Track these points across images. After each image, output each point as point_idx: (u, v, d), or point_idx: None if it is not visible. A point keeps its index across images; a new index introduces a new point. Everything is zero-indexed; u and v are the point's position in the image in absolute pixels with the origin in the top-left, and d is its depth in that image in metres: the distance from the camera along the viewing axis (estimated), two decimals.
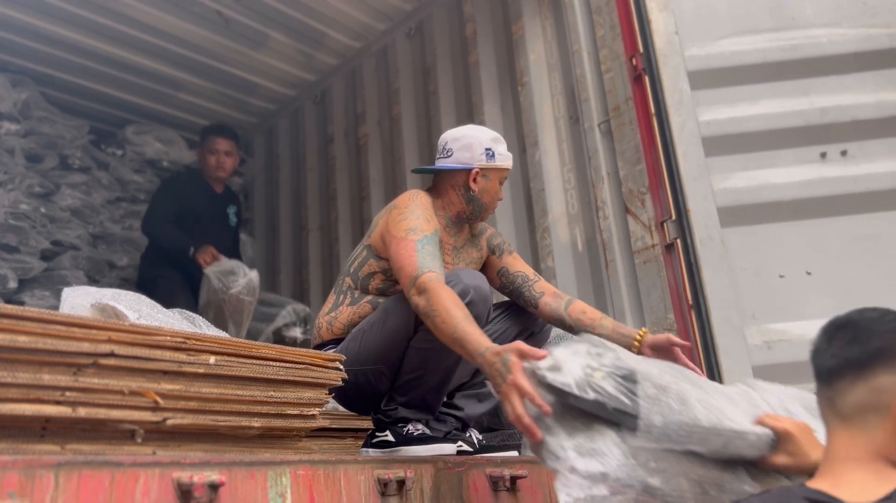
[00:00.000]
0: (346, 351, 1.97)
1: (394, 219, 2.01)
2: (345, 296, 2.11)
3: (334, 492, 1.51)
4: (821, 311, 2.56)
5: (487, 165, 2.15)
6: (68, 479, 1.15)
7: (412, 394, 1.99)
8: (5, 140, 4.00)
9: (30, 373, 1.24)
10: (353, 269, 2.13)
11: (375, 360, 1.97)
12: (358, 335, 2.02)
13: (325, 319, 2.11)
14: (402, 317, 1.94)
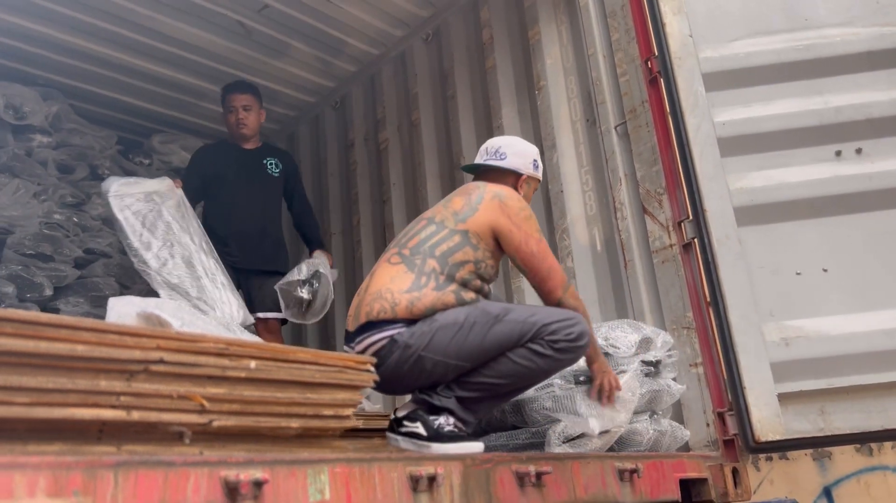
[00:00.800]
0: (434, 339, 2.01)
1: (517, 213, 2.22)
2: (428, 279, 2.10)
3: (369, 488, 1.58)
4: (838, 308, 2.65)
5: (533, 174, 2.45)
6: (126, 478, 1.23)
7: (474, 395, 2.05)
8: (38, 152, 4.13)
9: (87, 380, 1.33)
10: (439, 253, 2.13)
11: (468, 359, 2.02)
12: (452, 328, 2.02)
13: (405, 297, 2.06)
14: (512, 329, 2.04)
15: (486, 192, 2.26)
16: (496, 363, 2.03)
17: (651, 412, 2.59)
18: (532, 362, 2.01)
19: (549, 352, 2.03)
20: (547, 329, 2.03)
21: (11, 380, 1.23)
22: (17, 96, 4.03)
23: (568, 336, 2.04)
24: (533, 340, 2.02)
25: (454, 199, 2.30)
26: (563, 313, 2.12)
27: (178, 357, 1.44)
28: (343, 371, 1.72)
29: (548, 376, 2.16)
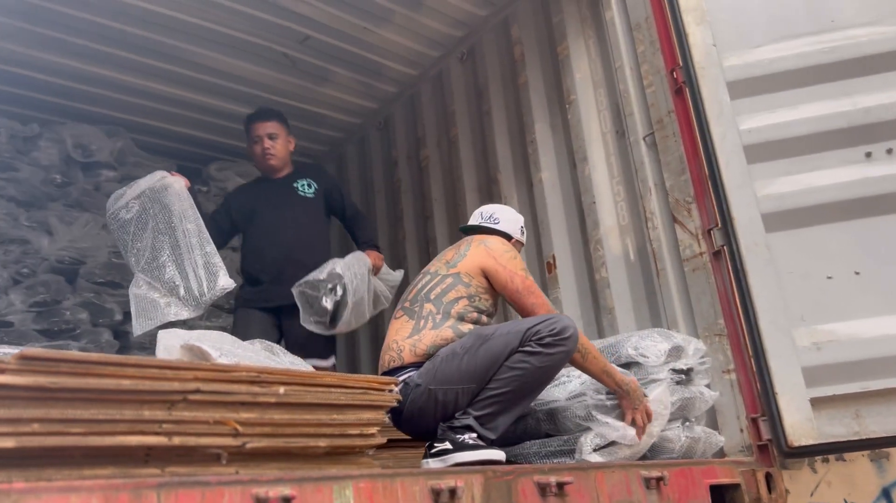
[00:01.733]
0: (437, 372, 2.21)
1: (503, 256, 2.45)
2: (426, 321, 2.34)
3: (392, 501, 1.71)
4: (870, 311, 2.66)
5: (520, 238, 2.77)
6: (168, 497, 1.39)
7: (489, 410, 2.19)
8: (105, 186, 4.43)
9: (133, 410, 1.50)
10: (434, 296, 2.38)
11: (471, 380, 2.19)
12: (451, 358, 2.22)
13: (408, 343, 2.32)
14: (500, 342, 2.21)
15: (473, 241, 2.54)
16: (498, 375, 2.18)
17: (683, 419, 2.64)
18: (527, 363, 2.17)
19: (538, 349, 2.17)
20: (532, 331, 2.19)
21: (67, 413, 1.41)
22: (84, 136, 4.35)
23: (551, 331, 2.19)
24: (522, 345, 2.18)
25: (447, 253, 2.59)
26: (545, 315, 2.28)
27: (213, 386, 1.61)
28: (367, 392, 1.86)
29: (548, 374, 2.27)
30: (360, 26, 4.11)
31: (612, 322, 3.21)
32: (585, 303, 3.43)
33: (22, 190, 4.16)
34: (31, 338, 3.87)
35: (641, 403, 2.37)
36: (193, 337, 1.88)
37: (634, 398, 2.35)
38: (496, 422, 2.17)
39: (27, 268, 4.07)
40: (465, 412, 2.17)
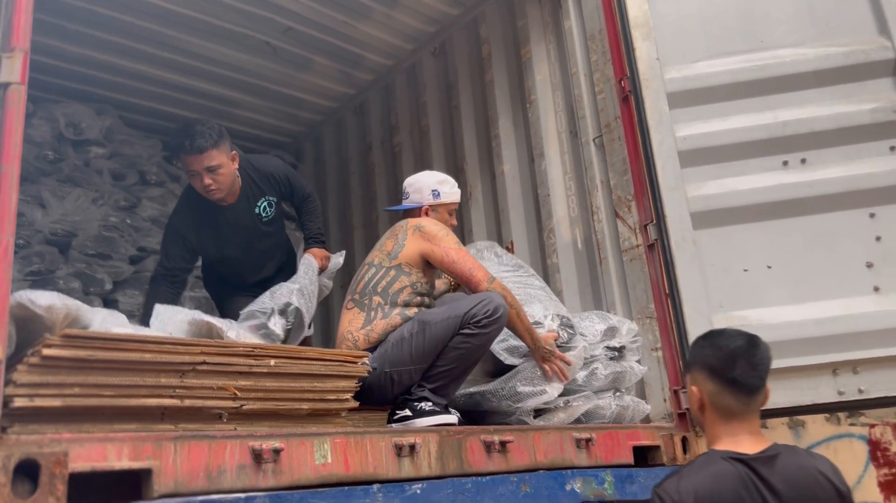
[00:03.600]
0: (388, 355, 2.56)
1: (436, 237, 2.70)
2: (375, 312, 2.66)
3: (362, 454, 2.08)
4: (778, 300, 3.08)
5: (434, 202, 2.90)
6: (182, 447, 1.75)
7: (439, 383, 2.57)
8: (94, 163, 4.70)
9: (152, 378, 1.85)
10: (380, 289, 2.69)
11: (420, 361, 2.55)
12: (401, 342, 2.56)
13: (362, 333, 2.64)
14: (442, 328, 2.54)
15: (409, 228, 2.78)
16: (444, 354, 2.53)
17: (615, 390, 3.05)
18: (468, 343, 2.53)
19: (476, 331, 2.52)
20: (469, 315, 2.52)
21: (100, 380, 1.76)
22: (75, 114, 4.60)
23: (486, 313, 2.53)
24: (462, 328, 2.52)
25: (386, 241, 2.82)
26: (478, 297, 2.59)
27: (217, 359, 1.96)
28: (343, 365, 2.22)
29: (487, 347, 2.64)
30: (339, 20, 4.40)
31: (561, 303, 3.60)
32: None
33: None
34: None
35: (551, 353, 2.71)
36: (198, 313, 2.22)
37: (541, 349, 2.68)
38: (447, 390, 2.56)
39: (22, 239, 4.34)
40: (419, 385, 2.55)
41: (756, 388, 1.84)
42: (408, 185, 2.97)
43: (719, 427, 1.87)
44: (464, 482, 2.11)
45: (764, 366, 1.87)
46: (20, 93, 1.73)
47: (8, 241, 1.63)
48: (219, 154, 3.07)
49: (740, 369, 1.83)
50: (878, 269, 3.06)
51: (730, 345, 1.86)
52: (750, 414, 1.84)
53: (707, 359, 1.89)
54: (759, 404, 1.87)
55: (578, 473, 2.41)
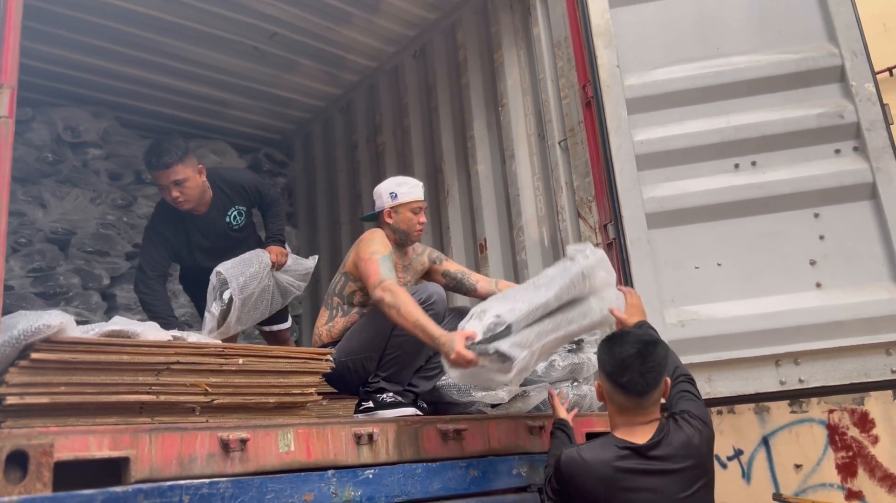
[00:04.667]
0: (344, 347, 2.80)
1: (361, 248, 2.86)
2: (336, 311, 2.95)
3: (323, 443, 2.30)
4: (726, 296, 3.29)
5: (394, 204, 2.99)
6: (157, 438, 1.97)
7: (391, 370, 2.79)
8: (92, 163, 4.93)
9: (130, 377, 2.07)
10: (338, 291, 2.96)
11: (368, 349, 2.80)
12: (354, 334, 2.83)
13: (325, 328, 2.94)
14: (385, 318, 2.71)
15: (354, 244, 2.97)
16: (390, 342, 2.74)
17: (573, 380, 3.27)
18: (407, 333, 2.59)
19: None
20: None
21: (84, 379, 1.99)
22: (73, 118, 4.82)
23: (419, 299, 2.67)
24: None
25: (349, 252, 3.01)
26: (414, 288, 2.81)
27: (189, 359, 2.19)
28: (307, 362, 2.44)
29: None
30: (322, 25, 4.59)
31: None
32: (509, 280, 3.99)
33: (17, 167, 4.63)
34: (29, 300, 4.41)
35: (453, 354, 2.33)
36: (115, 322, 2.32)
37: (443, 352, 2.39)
38: (400, 376, 2.79)
39: (24, 237, 4.58)
40: (375, 375, 2.78)
41: (644, 393, 2.05)
42: (374, 194, 3.12)
43: (617, 418, 2.13)
44: (414, 467, 2.33)
45: (654, 374, 2.06)
46: (8, 126, 1.95)
47: None
48: (184, 168, 3.30)
49: (628, 377, 2.04)
50: (820, 267, 3.25)
51: (622, 354, 2.07)
52: (643, 408, 2.07)
53: (603, 363, 2.13)
54: (654, 400, 2.08)
55: (526, 459, 2.63)
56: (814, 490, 4.53)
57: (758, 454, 4.80)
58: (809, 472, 4.63)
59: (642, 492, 1.95)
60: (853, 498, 4.44)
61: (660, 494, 1.94)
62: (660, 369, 2.08)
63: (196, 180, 3.37)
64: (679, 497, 1.95)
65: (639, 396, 2.05)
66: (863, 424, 4.43)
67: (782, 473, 4.68)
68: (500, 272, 4.07)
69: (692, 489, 1.97)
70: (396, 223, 2.99)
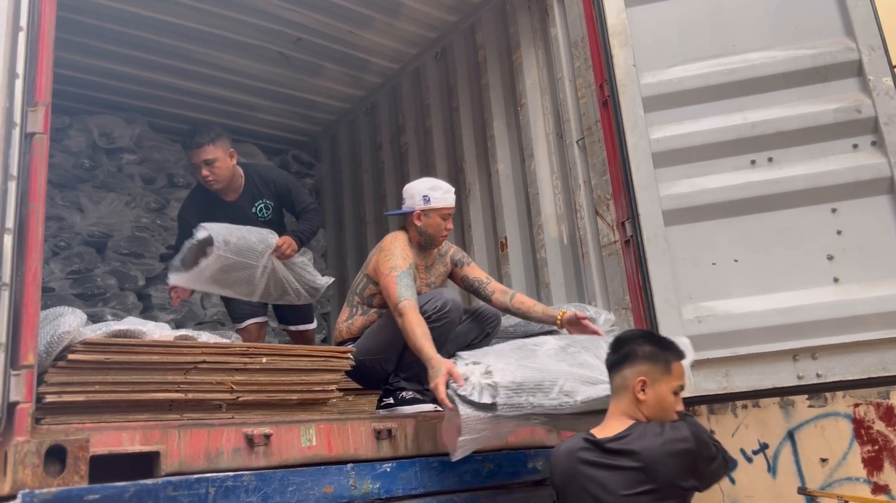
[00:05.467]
0: (363, 345, 2.91)
1: (382, 258, 2.94)
2: (356, 309, 3.06)
3: (344, 438, 2.41)
4: (743, 292, 3.32)
5: (425, 207, 3.03)
6: (185, 433, 2.09)
7: (411, 371, 2.89)
8: (126, 168, 5.10)
9: (160, 375, 2.20)
10: (358, 291, 3.07)
11: (385, 351, 2.91)
12: (371, 335, 2.94)
13: (345, 325, 3.05)
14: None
15: (377, 247, 3.06)
16: (407, 346, 2.76)
17: None
18: None
19: (429, 325, 2.71)
20: (420, 310, 2.75)
21: (117, 378, 2.12)
22: (107, 125, 5.00)
23: (435, 309, 2.81)
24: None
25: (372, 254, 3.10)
26: (430, 294, 2.90)
27: (215, 358, 2.31)
28: (328, 360, 2.55)
29: (444, 338, 2.84)
30: (344, 29, 4.68)
31: (548, 295, 3.88)
32: (529, 278, 4.09)
33: (56, 174, 4.83)
34: (69, 301, 4.59)
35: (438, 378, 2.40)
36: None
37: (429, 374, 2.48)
38: (420, 377, 2.87)
39: (63, 241, 4.77)
40: (395, 375, 2.88)
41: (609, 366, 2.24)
42: (404, 192, 3.14)
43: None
44: (431, 461, 2.42)
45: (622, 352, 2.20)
46: (43, 141, 2.07)
47: (36, 268, 1.97)
48: (215, 149, 3.53)
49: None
50: (838, 262, 3.25)
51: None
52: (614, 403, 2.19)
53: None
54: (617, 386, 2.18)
55: (542, 453, 2.71)
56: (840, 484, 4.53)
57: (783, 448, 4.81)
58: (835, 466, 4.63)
59: (592, 483, 2.03)
60: (879, 491, 4.43)
61: (604, 489, 2.00)
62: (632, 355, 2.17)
63: (226, 162, 3.58)
64: (621, 494, 1.98)
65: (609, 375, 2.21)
66: (889, 418, 4.42)
67: (808, 467, 4.69)
68: (520, 269, 4.14)
69: (634, 490, 1.98)
70: (425, 226, 3.03)
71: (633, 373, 2.14)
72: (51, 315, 2.10)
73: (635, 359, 2.16)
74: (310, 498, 2.13)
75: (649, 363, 2.15)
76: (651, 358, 2.16)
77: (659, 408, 2.11)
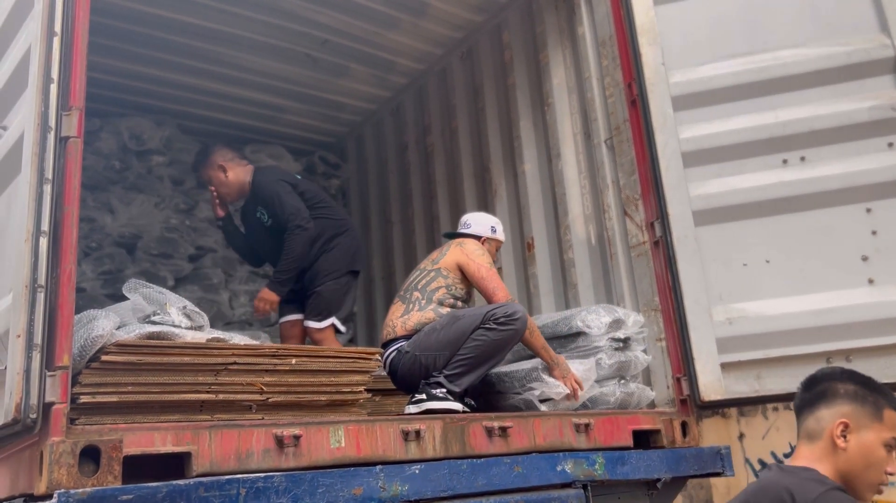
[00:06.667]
0: (419, 341, 2.96)
1: (474, 253, 3.17)
2: (413, 305, 3.10)
3: (373, 439, 2.40)
4: (775, 293, 3.28)
5: (492, 237, 3.43)
6: (216, 434, 2.10)
7: (457, 371, 2.89)
8: (156, 170, 5.17)
9: (190, 376, 2.22)
10: (420, 286, 3.14)
11: (445, 348, 2.93)
12: (431, 331, 2.97)
13: (400, 321, 3.09)
14: (468, 321, 2.93)
15: (452, 243, 3.27)
16: (465, 345, 2.88)
17: (620, 377, 3.30)
18: (486, 336, 2.89)
19: (494, 326, 2.89)
20: (490, 313, 2.91)
21: (149, 379, 2.14)
22: (137, 127, 5.07)
23: (505, 313, 2.90)
24: (484, 323, 2.89)
25: (433, 253, 3.32)
26: (502, 303, 2.99)
27: (245, 359, 2.32)
28: (356, 361, 2.56)
29: (503, 346, 2.96)
30: (370, 30, 4.69)
31: (575, 295, 3.85)
32: (557, 279, 4.07)
33: (87, 176, 4.89)
34: (100, 301, 4.65)
35: (569, 373, 3.02)
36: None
37: (563, 369, 3.03)
38: (462, 380, 2.87)
39: (95, 242, 4.84)
40: (439, 372, 2.88)
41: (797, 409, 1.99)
42: (469, 218, 3.49)
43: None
44: (460, 463, 2.41)
45: (813, 393, 1.92)
46: (77, 145, 2.11)
47: (71, 269, 2.00)
48: (205, 171, 3.85)
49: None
50: (872, 262, 3.20)
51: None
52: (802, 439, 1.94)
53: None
54: (804, 432, 1.92)
55: (570, 455, 2.68)
56: None
57: None
58: None
59: None
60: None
61: None
62: (831, 393, 1.86)
63: (219, 178, 3.80)
64: None
65: (798, 416, 1.95)
66: None
67: None
68: (547, 270, 4.12)
69: None
70: (487, 252, 3.30)
71: (831, 415, 1.81)
72: (84, 318, 2.13)
73: (836, 398, 1.83)
74: (339, 499, 2.12)
75: (855, 404, 1.81)
76: (857, 398, 1.82)
77: (863, 464, 1.76)
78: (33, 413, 1.85)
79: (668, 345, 3.35)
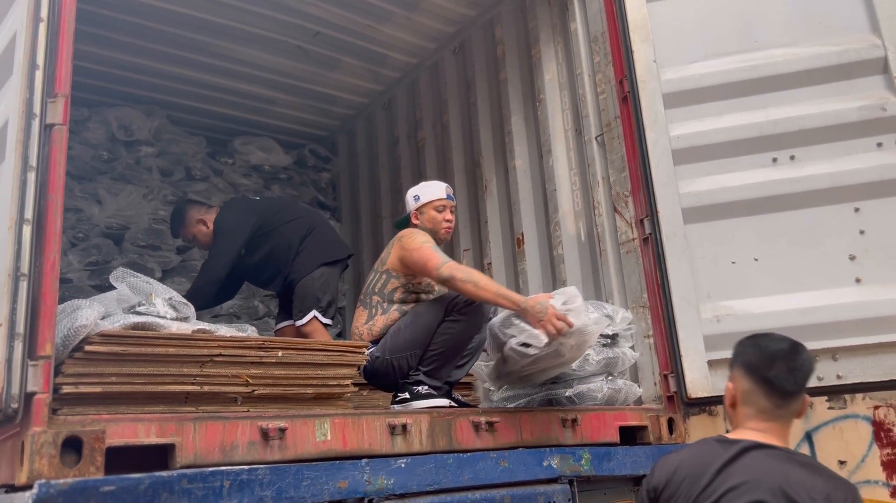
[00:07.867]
0: (387, 345, 2.88)
1: (406, 242, 2.95)
2: (376, 309, 3.00)
3: (359, 433, 2.39)
4: (763, 291, 3.28)
5: (418, 205, 3.16)
6: (201, 426, 2.08)
7: (433, 366, 2.87)
8: (144, 161, 5.12)
9: (176, 368, 2.20)
10: (377, 289, 3.02)
11: (414, 347, 2.87)
12: (396, 332, 2.90)
13: (366, 327, 2.99)
14: (430, 316, 2.86)
15: (394, 240, 3.09)
16: (434, 339, 2.82)
17: (607, 374, 3.29)
18: (453, 327, 2.81)
19: (459, 317, 2.80)
20: (452, 303, 2.81)
21: (133, 370, 2.12)
22: (126, 117, 5.02)
23: (466, 300, 2.78)
24: (448, 315, 2.82)
25: (382, 253, 3.13)
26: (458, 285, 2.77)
27: (231, 351, 2.30)
28: (343, 354, 2.54)
29: (473, 331, 2.86)
30: (363, 23, 4.67)
31: None
32: (546, 275, 4.06)
33: (75, 166, 4.85)
34: (86, 292, 4.61)
35: (546, 313, 2.59)
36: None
37: (534, 312, 2.62)
38: (440, 373, 2.86)
39: (81, 233, 4.80)
40: (416, 370, 2.85)
41: (789, 393, 1.88)
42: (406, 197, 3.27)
43: (746, 423, 1.93)
44: (446, 458, 2.40)
45: (802, 372, 1.90)
46: (62, 133, 2.07)
47: (54, 258, 1.98)
48: (183, 232, 4.10)
49: (777, 370, 1.88)
50: (860, 262, 3.21)
51: (771, 347, 1.94)
52: (779, 418, 1.89)
53: (747, 356, 1.97)
54: (793, 412, 1.91)
55: (557, 451, 2.68)
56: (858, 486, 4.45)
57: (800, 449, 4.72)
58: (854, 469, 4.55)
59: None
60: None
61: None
62: (808, 369, 1.92)
63: (202, 231, 4.01)
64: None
65: (782, 397, 1.88)
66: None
67: None
68: (536, 266, 4.11)
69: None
70: (423, 223, 3.11)
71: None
72: (68, 308, 2.10)
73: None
74: (324, 492, 2.11)
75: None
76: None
77: None
78: (14, 403, 1.82)
79: (655, 341, 3.36)
